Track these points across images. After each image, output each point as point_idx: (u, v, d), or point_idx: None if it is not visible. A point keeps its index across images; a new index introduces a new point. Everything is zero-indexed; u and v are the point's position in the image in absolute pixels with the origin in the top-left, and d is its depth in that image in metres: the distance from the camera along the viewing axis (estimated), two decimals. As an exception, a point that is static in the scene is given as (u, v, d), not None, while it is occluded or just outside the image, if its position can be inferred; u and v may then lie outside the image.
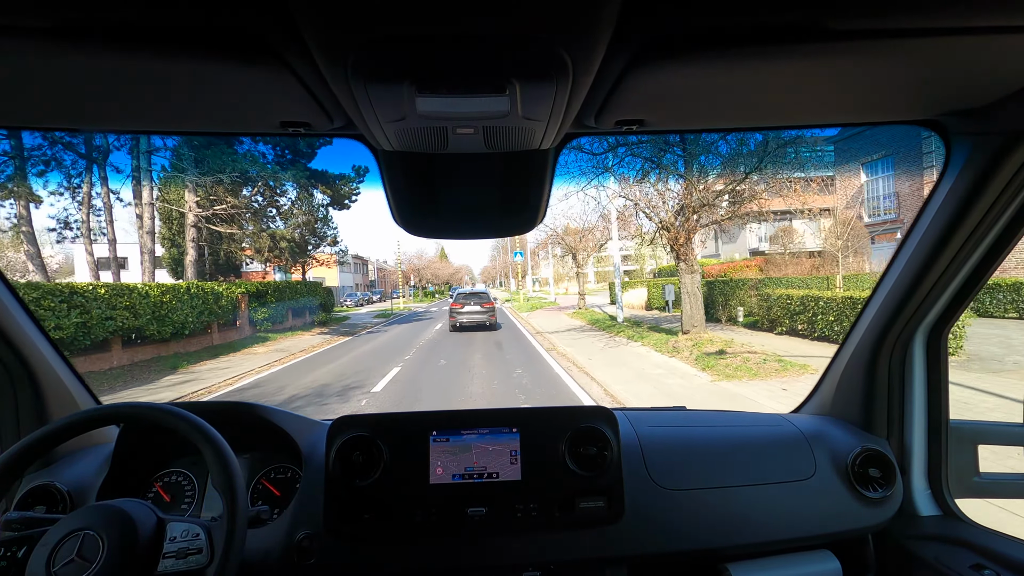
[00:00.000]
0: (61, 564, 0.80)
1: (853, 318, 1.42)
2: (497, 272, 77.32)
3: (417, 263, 61.48)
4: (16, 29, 0.60)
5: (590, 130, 0.94)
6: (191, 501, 1.29)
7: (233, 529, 0.87)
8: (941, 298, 1.20)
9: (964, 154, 0.99)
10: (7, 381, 1.28)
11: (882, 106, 0.90)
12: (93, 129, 0.92)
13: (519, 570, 1.21)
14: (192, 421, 0.94)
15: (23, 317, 1.26)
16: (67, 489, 1.18)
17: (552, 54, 0.61)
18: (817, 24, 0.64)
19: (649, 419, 1.44)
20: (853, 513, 1.26)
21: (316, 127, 0.88)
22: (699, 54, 0.69)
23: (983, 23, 0.64)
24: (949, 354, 1.35)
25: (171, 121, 0.89)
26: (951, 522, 1.29)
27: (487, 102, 0.71)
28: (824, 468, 1.30)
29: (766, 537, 1.23)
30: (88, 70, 0.69)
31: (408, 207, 1.11)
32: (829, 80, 0.78)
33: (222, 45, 0.64)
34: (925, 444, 1.33)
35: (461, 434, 1.23)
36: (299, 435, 1.28)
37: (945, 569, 1.16)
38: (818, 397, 1.57)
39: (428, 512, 1.17)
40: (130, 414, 0.99)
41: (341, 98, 0.73)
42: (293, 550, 1.13)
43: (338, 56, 0.61)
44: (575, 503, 1.19)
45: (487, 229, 1.26)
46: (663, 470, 1.27)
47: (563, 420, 1.25)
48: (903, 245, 1.19)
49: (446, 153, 0.92)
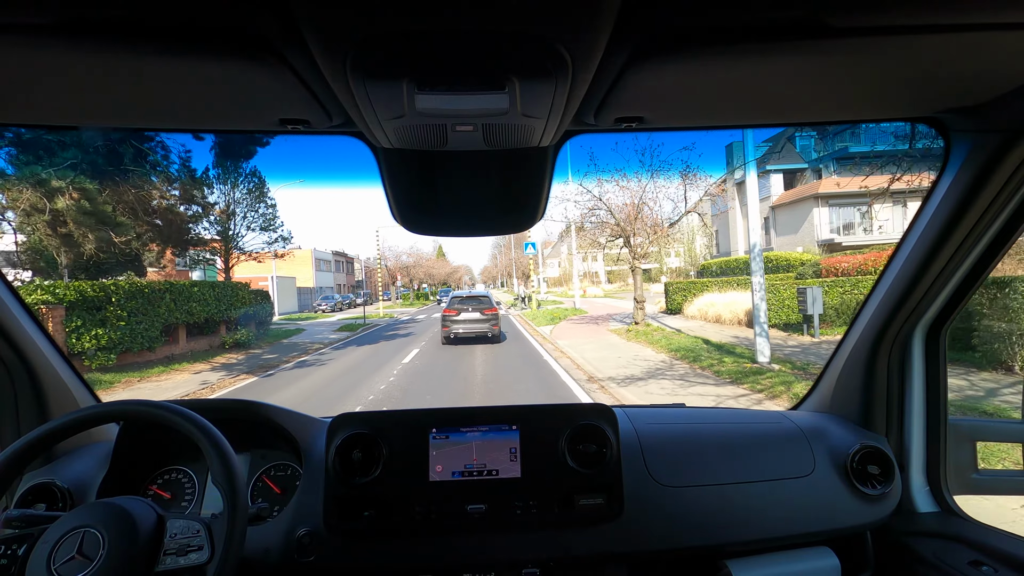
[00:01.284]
0: (62, 561, 0.80)
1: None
2: (499, 272, 72.76)
3: (407, 260, 53.49)
4: (16, 26, 0.60)
5: (590, 127, 0.94)
6: (191, 498, 1.30)
7: (233, 526, 0.87)
8: (940, 295, 1.20)
9: (964, 151, 0.99)
10: (7, 380, 1.28)
11: (882, 103, 0.90)
12: (92, 126, 0.92)
13: (518, 567, 1.21)
14: (192, 419, 0.94)
15: (23, 316, 1.26)
16: (67, 487, 1.18)
17: (551, 51, 0.61)
18: (817, 21, 0.64)
19: (648, 416, 1.44)
20: (852, 510, 1.27)
21: (315, 124, 0.88)
22: (699, 51, 0.68)
23: (983, 20, 0.64)
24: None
25: (169, 119, 0.89)
26: (950, 519, 1.30)
27: (486, 99, 0.71)
28: (823, 465, 1.30)
29: (765, 534, 1.23)
30: (87, 67, 0.69)
31: (407, 205, 1.11)
32: (829, 77, 0.78)
33: (222, 42, 0.64)
34: (924, 441, 1.33)
35: (461, 431, 1.23)
36: (299, 432, 1.28)
37: (943, 565, 1.17)
38: (817, 394, 1.57)
39: (428, 509, 1.17)
40: (130, 412, 0.99)
41: (340, 95, 0.73)
42: (293, 547, 1.13)
43: (337, 53, 0.61)
44: (574, 500, 1.19)
45: (487, 227, 1.26)
46: (662, 467, 1.27)
47: (562, 417, 1.25)
48: (902, 242, 1.19)
49: (445, 150, 0.92)
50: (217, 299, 14.21)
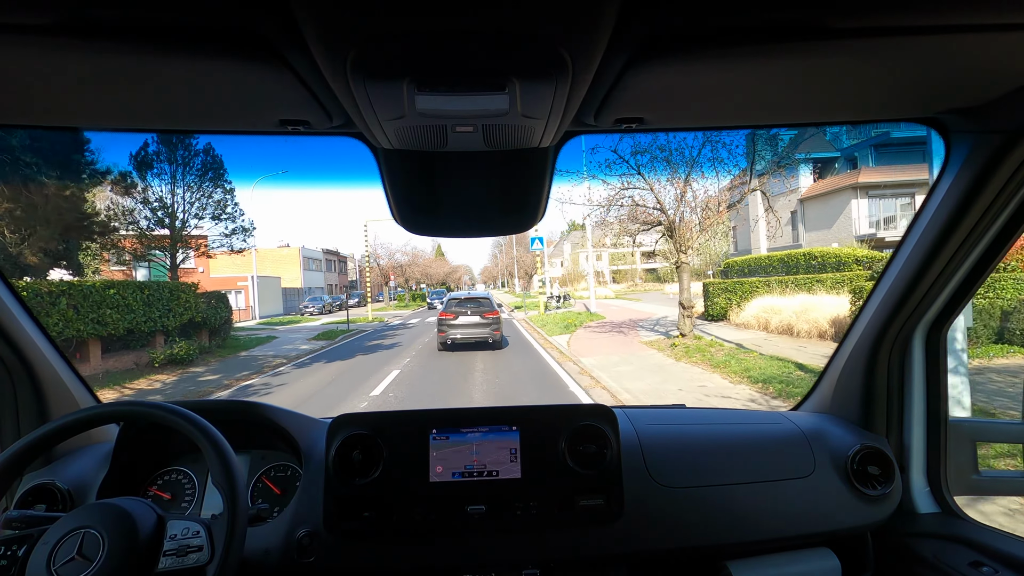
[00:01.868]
0: (61, 562, 0.80)
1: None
2: (499, 271, 70.65)
3: (402, 259, 50.44)
4: (16, 26, 0.60)
5: (590, 128, 0.94)
6: (191, 499, 1.30)
7: (233, 527, 0.87)
8: (940, 296, 1.20)
9: (964, 152, 0.99)
10: (7, 380, 1.28)
11: (882, 104, 0.90)
12: (91, 127, 0.92)
13: (519, 568, 1.21)
14: (192, 419, 0.94)
15: (23, 316, 1.26)
16: (67, 487, 1.18)
17: (552, 52, 0.61)
18: (817, 22, 0.64)
19: (648, 417, 1.43)
20: (852, 510, 1.26)
21: (315, 125, 0.88)
22: (699, 52, 0.68)
23: (983, 20, 0.64)
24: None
25: (169, 119, 0.89)
26: (950, 519, 1.29)
27: (486, 100, 0.71)
28: (823, 466, 1.30)
29: (765, 534, 1.23)
30: (87, 68, 0.69)
31: (408, 206, 1.11)
32: (829, 78, 0.78)
33: (222, 43, 0.64)
34: (924, 442, 1.33)
35: (461, 432, 1.23)
36: (299, 433, 1.28)
37: (944, 566, 1.16)
38: (817, 395, 1.57)
39: (428, 510, 1.17)
40: (130, 413, 0.99)
41: (340, 96, 0.73)
42: (293, 548, 1.13)
43: (338, 53, 0.61)
44: (575, 501, 1.19)
45: (487, 228, 1.26)
46: (662, 468, 1.27)
47: (562, 418, 1.25)
48: (903, 242, 1.19)
49: (445, 151, 0.92)
50: (147, 304, 11.35)
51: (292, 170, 40.54)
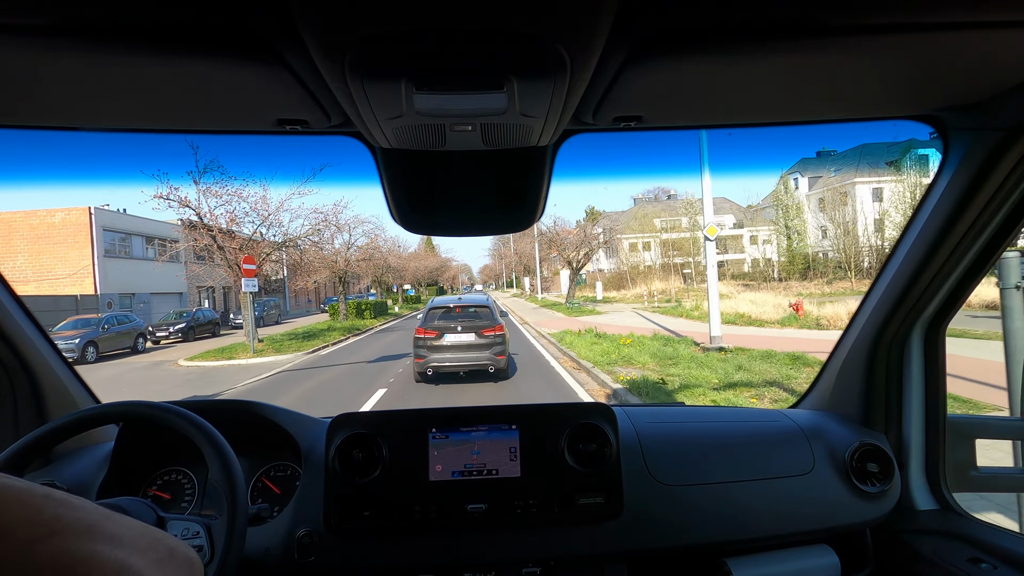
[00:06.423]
0: None
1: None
2: (500, 270, 63.08)
3: (363, 241, 26.03)
4: (16, 26, 0.60)
5: (588, 126, 0.94)
6: (191, 499, 1.29)
7: (233, 527, 0.87)
8: (939, 293, 1.20)
9: (962, 149, 0.99)
10: (6, 381, 1.28)
11: (880, 102, 0.90)
12: (89, 127, 0.92)
13: (519, 567, 1.21)
14: (191, 419, 0.94)
15: (23, 317, 1.26)
16: (67, 488, 1.18)
17: (550, 50, 0.61)
18: (815, 20, 0.64)
19: (648, 415, 1.44)
20: (851, 507, 1.27)
21: (313, 125, 0.88)
22: (697, 50, 0.68)
23: (981, 18, 0.64)
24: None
25: (167, 119, 0.89)
26: (949, 516, 1.30)
27: (485, 99, 0.71)
28: (822, 463, 1.30)
29: (765, 532, 1.24)
30: (86, 67, 0.68)
31: (406, 205, 1.11)
32: (827, 76, 0.78)
33: (219, 42, 0.64)
34: (923, 439, 1.33)
35: (461, 431, 1.23)
36: (299, 433, 1.28)
37: (943, 563, 1.17)
38: (816, 392, 1.57)
39: (428, 509, 1.17)
40: (129, 413, 0.98)
41: (338, 95, 0.73)
42: (293, 547, 1.13)
43: (336, 53, 0.61)
44: (574, 499, 1.19)
45: (486, 226, 1.26)
46: (662, 466, 1.27)
47: (562, 417, 1.25)
48: (901, 240, 1.19)
49: (444, 150, 0.92)
50: None
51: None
